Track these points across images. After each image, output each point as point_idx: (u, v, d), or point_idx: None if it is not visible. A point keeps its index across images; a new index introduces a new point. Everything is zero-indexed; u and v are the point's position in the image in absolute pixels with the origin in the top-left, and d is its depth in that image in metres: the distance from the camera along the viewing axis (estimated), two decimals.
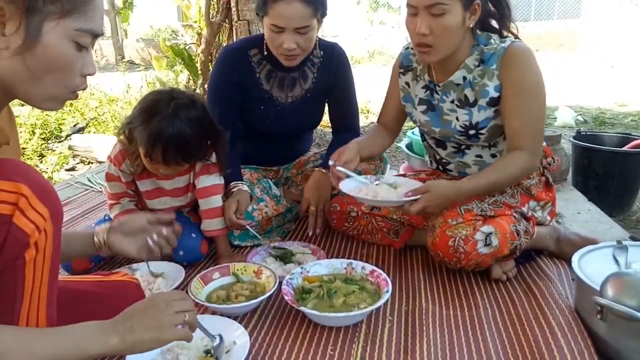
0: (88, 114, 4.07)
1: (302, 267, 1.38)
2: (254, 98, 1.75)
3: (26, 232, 0.74)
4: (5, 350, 0.69)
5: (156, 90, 1.45)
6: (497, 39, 1.41)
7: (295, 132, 1.92)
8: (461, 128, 1.47)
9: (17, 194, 0.73)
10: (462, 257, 1.35)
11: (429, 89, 1.54)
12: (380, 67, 8.74)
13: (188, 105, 1.37)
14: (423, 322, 1.25)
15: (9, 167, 0.75)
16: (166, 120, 1.32)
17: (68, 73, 0.77)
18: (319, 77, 1.81)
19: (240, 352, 1.07)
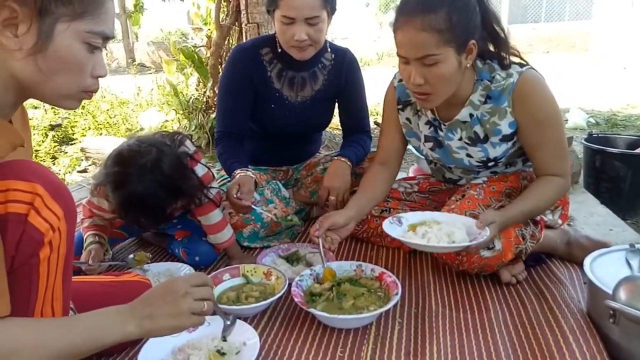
0: (99, 116, 4.11)
1: (312, 269, 1.39)
2: (264, 96, 1.77)
3: (41, 231, 0.75)
4: (19, 345, 0.70)
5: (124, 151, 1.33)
6: (501, 72, 1.34)
7: (305, 132, 1.92)
8: (478, 163, 1.45)
9: (32, 193, 0.74)
10: (464, 259, 1.35)
11: (432, 125, 1.49)
12: (390, 69, 8.74)
13: (155, 163, 1.28)
14: (433, 324, 1.24)
15: (24, 167, 0.76)
16: (134, 195, 1.26)
17: (79, 74, 0.79)
18: (329, 79, 1.82)
19: (250, 352, 1.08)
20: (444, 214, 1.43)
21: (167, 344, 1.11)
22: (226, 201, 1.64)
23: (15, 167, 0.75)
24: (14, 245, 0.73)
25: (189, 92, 3.77)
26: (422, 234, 1.32)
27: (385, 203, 1.68)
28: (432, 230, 1.32)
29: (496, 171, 1.50)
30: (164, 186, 1.28)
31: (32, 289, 0.79)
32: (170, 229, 1.66)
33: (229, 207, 1.65)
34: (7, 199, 0.73)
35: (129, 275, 1.23)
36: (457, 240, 1.27)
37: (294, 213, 1.83)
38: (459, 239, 1.28)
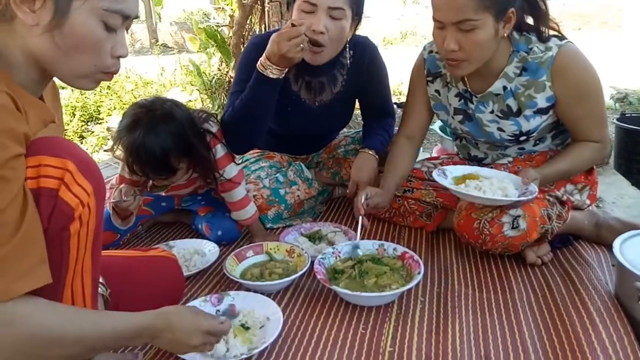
0: (124, 96, 4.17)
1: (334, 247, 1.39)
2: (281, 98, 1.59)
3: (71, 206, 0.77)
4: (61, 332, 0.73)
5: (139, 103, 1.37)
6: (539, 45, 1.31)
7: (324, 133, 1.90)
8: (510, 137, 1.42)
9: (62, 169, 0.76)
10: (487, 239, 1.33)
11: (463, 97, 1.46)
12: (413, 47, 8.56)
13: (166, 116, 1.30)
14: (455, 304, 1.24)
15: (55, 143, 0.78)
16: (141, 137, 1.27)
17: (97, 53, 0.78)
18: (349, 79, 1.72)
19: (273, 327, 1.10)
20: (485, 169, 1.43)
21: None
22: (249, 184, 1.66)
23: (46, 143, 0.76)
24: (46, 218, 0.76)
25: (211, 71, 3.78)
26: (474, 186, 1.31)
27: (408, 183, 1.67)
28: (483, 183, 1.32)
29: (524, 147, 1.47)
30: (172, 136, 1.29)
31: (63, 262, 0.81)
32: (194, 204, 1.69)
33: (252, 187, 1.67)
34: (39, 174, 0.74)
35: (156, 250, 1.25)
36: (509, 194, 1.26)
37: (316, 194, 1.84)
38: (511, 193, 1.28)
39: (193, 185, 1.61)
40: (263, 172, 1.75)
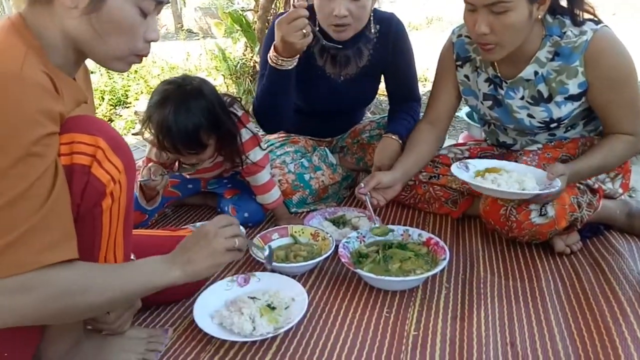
0: (151, 80, 4.23)
1: (359, 232, 1.40)
2: (306, 73, 1.62)
3: (103, 182, 0.79)
4: (91, 284, 0.76)
5: (167, 80, 1.38)
6: (573, 29, 1.26)
7: (349, 109, 1.88)
8: (540, 124, 1.38)
9: (94, 146, 0.78)
10: (513, 225, 1.31)
11: (492, 82, 1.43)
12: (439, 33, 8.38)
13: (196, 91, 1.31)
14: (481, 291, 1.23)
15: (87, 121, 0.80)
16: (172, 112, 1.28)
17: (132, 36, 0.80)
18: (375, 53, 1.69)
19: (299, 308, 1.11)
20: (512, 163, 1.39)
21: (221, 297, 1.17)
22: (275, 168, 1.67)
23: (79, 121, 0.79)
24: (79, 194, 0.78)
25: (236, 56, 3.79)
26: (491, 179, 1.28)
27: (434, 169, 1.65)
28: (501, 177, 1.28)
29: (555, 134, 1.43)
30: (202, 111, 1.30)
31: (96, 237, 0.84)
32: (220, 187, 1.71)
33: (278, 171, 1.68)
34: (72, 151, 0.77)
35: (184, 230, 1.28)
36: (527, 188, 1.23)
37: (341, 179, 1.84)
38: (530, 187, 1.23)
39: (219, 169, 1.63)
40: (288, 157, 1.76)
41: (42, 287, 0.70)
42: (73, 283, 0.74)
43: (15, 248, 0.68)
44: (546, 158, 1.40)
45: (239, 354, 1.02)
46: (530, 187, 1.23)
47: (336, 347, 1.04)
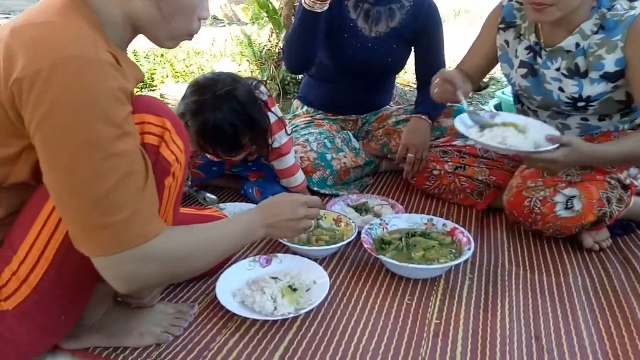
0: (177, 65, 4.26)
1: (382, 219, 1.39)
2: (339, 26, 1.73)
3: (169, 162, 0.81)
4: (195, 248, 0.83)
5: (199, 83, 1.38)
6: (624, 3, 1.22)
7: (376, 72, 1.86)
8: (568, 100, 1.34)
9: (162, 128, 0.80)
10: (538, 218, 1.28)
11: (533, 51, 1.39)
12: (467, 26, 8.23)
13: (230, 95, 1.32)
14: (506, 283, 1.21)
15: (153, 103, 0.82)
16: (211, 120, 1.30)
17: (191, 17, 0.81)
18: (406, 20, 1.77)
19: (320, 291, 1.11)
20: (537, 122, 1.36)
21: (243, 276, 1.17)
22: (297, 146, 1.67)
23: (146, 102, 0.80)
24: None
25: (261, 43, 3.79)
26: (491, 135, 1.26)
27: (460, 160, 1.62)
28: (508, 132, 1.25)
29: (588, 119, 1.39)
30: (238, 114, 1.32)
31: None
32: (245, 171, 1.71)
33: (300, 149, 1.68)
34: (143, 131, 0.78)
35: (210, 210, 1.29)
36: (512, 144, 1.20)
37: (363, 164, 1.83)
38: (516, 142, 1.20)
39: (245, 152, 1.64)
40: (312, 137, 1.77)
41: (160, 255, 0.75)
42: (182, 248, 0.80)
43: (133, 222, 0.71)
44: None
45: (259, 333, 1.02)
46: (516, 142, 1.20)
47: (357, 332, 1.03)
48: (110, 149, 0.68)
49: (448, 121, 1.83)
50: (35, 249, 0.75)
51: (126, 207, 0.70)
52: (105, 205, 0.69)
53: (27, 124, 0.67)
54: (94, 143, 0.66)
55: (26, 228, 0.76)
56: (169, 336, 0.98)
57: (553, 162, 1.19)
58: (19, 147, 0.72)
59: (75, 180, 0.67)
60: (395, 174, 1.92)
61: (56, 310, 0.81)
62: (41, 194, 0.76)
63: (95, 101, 0.66)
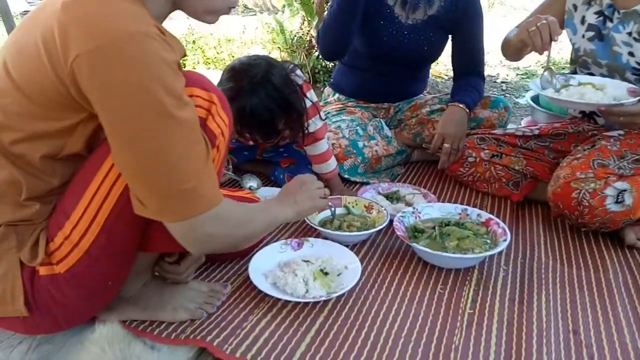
0: (208, 51, 4.30)
1: (414, 208, 1.37)
2: (374, 12, 1.70)
3: (215, 134, 0.82)
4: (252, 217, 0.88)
5: (235, 68, 1.36)
6: None
7: (411, 60, 1.83)
8: (636, 65, 1.29)
9: (209, 101, 0.82)
10: (585, 211, 1.24)
11: (603, 15, 1.35)
12: (500, 18, 8.02)
13: (265, 79, 1.30)
14: (542, 275, 1.18)
15: (200, 77, 0.83)
16: (248, 106, 1.28)
17: None
18: (445, 8, 1.73)
19: (352, 276, 1.10)
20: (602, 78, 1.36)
21: (274, 258, 1.18)
22: (329, 132, 1.66)
23: (194, 77, 0.82)
24: None
25: (293, 30, 3.78)
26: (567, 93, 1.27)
27: (497, 147, 1.58)
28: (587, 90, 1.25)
29: None
30: (274, 98, 1.31)
31: None
32: (276, 156, 1.72)
33: (332, 135, 1.67)
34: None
35: (243, 192, 1.30)
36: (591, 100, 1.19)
37: (395, 153, 1.81)
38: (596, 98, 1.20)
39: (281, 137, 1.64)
40: (344, 123, 1.75)
41: (229, 217, 0.80)
42: (243, 215, 0.86)
43: (204, 186, 0.74)
44: (629, 144, 1.30)
45: (291, 314, 1.02)
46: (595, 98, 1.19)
47: (388, 317, 1.02)
48: (176, 118, 0.70)
49: (484, 112, 1.79)
50: (87, 214, 0.78)
51: (196, 173, 0.73)
52: (178, 172, 0.71)
53: (91, 100, 0.69)
54: (161, 113, 0.68)
55: (79, 194, 0.78)
56: (202, 312, 0.99)
57: (636, 115, 1.17)
58: (75, 120, 0.74)
59: (147, 150, 0.70)
60: (427, 163, 1.89)
61: (104, 275, 0.84)
62: (93, 162, 0.79)
63: (156, 73, 0.68)
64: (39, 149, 0.75)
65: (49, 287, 0.80)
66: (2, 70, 0.73)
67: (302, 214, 1.05)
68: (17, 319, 0.82)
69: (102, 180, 0.78)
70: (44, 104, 0.72)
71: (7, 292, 0.78)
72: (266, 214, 0.93)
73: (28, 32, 0.72)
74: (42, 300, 0.80)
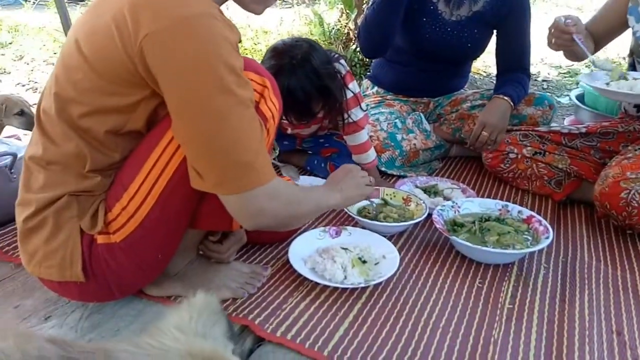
0: (245, 43, 4.35)
1: (454, 202, 1.36)
2: (418, 8, 1.68)
3: (266, 117, 0.85)
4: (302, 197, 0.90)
5: (277, 48, 1.37)
6: None
7: (453, 57, 1.81)
8: None
9: (262, 85, 0.85)
10: (634, 212, 1.21)
11: None
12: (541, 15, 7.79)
13: (305, 61, 1.31)
14: (585, 275, 1.16)
15: (254, 63, 0.87)
16: (285, 85, 1.28)
17: None
18: (490, 4, 1.69)
19: (390, 265, 1.11)
20: None
21: (313, 245, 1.19)
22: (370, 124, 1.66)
23: (248, 61, 0.85)
24: None
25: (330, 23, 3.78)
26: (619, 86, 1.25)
27: (541, 145, 1.55)
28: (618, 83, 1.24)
29: None
30: (312, 80, 1.32)
31: None
32: (316, 146, 1.73)
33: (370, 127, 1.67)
34: None
35: (285, 178, 1.33)
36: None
37: (433, 147, 1.79)
38: None
39: (316, 125, 1.65)
40: (382, 116, 1.75)
41: (282, 194, 0.83)
42: (294, 194, 0.88)
43: (260, 161, 0.78)
44: None
45: (329, 299, 1.04)
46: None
47: (426, 307, 1.03)
48: (237, 95, 0.73)
49: (528, 109, 1.76)
50: (144, 187, 0.82)
51: (253, 148, 0.76)
52: (237, 146, 0.75)
53: (157, 77, 0.73)
54: (223, 89, 0.72)
55: (137, 168, 0.82)
56: (244, 292, 1.02)
57: None
58: (139, 97, 0.78)
59: (208, 124, 0.73)
60: (465, 159, 1.88)
61: (156, 247, 0.88)
62: (151, 138, 0.82)
63: (220, 52, 0.71)
64: (104, 123, 0.79)
65: (105, 255, 0.84)
66: (74, 48, 0.77)
67: (348, 201, 1.07)
68: (73, 285, 0.86)
69: (160, 155, 0.81)
70: (112, 80, 0.76)
71: (67, 257, 0.83)
72: (315, 197, 0.95)
73: (100, 13, 0.76)
74: (98, 267, 0.84)
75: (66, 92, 0.79)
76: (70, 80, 0.79)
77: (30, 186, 0.86)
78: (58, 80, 0.81)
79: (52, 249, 0.83)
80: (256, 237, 1.17)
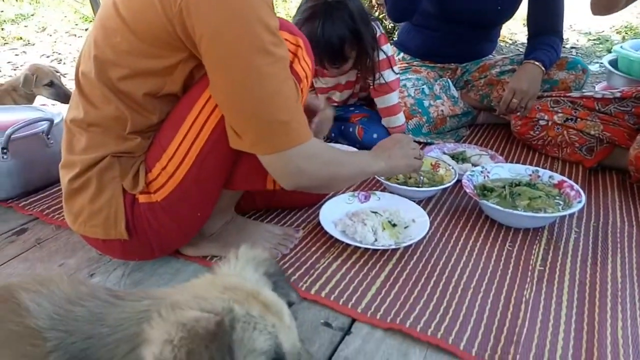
0: None
1: (483, 167, 1.35)
2: None
3: (300, 77, 0.86)
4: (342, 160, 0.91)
5: None
6: None
7: (482, 20, 1.76)
8: None
9: (296, 45, 0.85)
10: None
11: None
12: None
13: (341, 5, 1.33)
14: (617, 239, 1.15)
15: (287, 23, 0.87)
16: (320, 26, 1.30)
17: None
18: None
19: (419, 228, 1.12)
20: None
21: (342, 209, 1.21)
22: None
23: (282, 21, 0.85)
24: None
25: None
26: None
27: (572, 111, 1.52)
28: None
29: None
30: (347, 23, 1.33)
31: None
32: (346, 113, 1.72)
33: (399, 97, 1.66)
34: None
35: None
36: None
37: (460, 114, 1.77)
38: None
39: (350, 89, 1.65)
40: (410, 82, 1.74)
41: (321, 154, 0.84)
42: (334, 156, 0.89)
43: (297, 121, 0.79)
44: None
45: (360, 260, 1.06)
46: None
47: (457, 269, 1.04)
48: (274, 55, 0.74)
49: (560, 73, 1.71)
50: (182, 147, 0.84)
51: (289, 108, 0.77)
52: (274, 105, 0.76)
53: (195, 38, 0.74)
54: (260, 49, 0.72)
55: (174, 129, 0.84)
56: (277, 252, 1.05)
57: None
58: (176, 59, 0.79)
59: (246, 84, 0.74)
60: (493, 126, 1.85)
61: (194, 206, 0.91)
62: (188, 100, 0.84)
63: (257, 13, 0.72)
64: (143, 86, 0.81)
65: (147, 213, 0.87)
66: (113, 11, 0.78)
67: (394, 170, 1.08)
68: (117, 243, 0.90)
69: (197, 115, 0.83)
70: (150, 42, 0.77)
71: (110, 216, 0.86)
72: (357, 161, 0.96)
73: None
74: (140, 225, 0.87)
75: (105, 55, 0.81)
76: (109, 43, 0.80)
77: (73, 148, 0.88)
78: (97, 43, 0.82)
79: (97, 208, 0.87)
80: (287, 200, 1.19)
